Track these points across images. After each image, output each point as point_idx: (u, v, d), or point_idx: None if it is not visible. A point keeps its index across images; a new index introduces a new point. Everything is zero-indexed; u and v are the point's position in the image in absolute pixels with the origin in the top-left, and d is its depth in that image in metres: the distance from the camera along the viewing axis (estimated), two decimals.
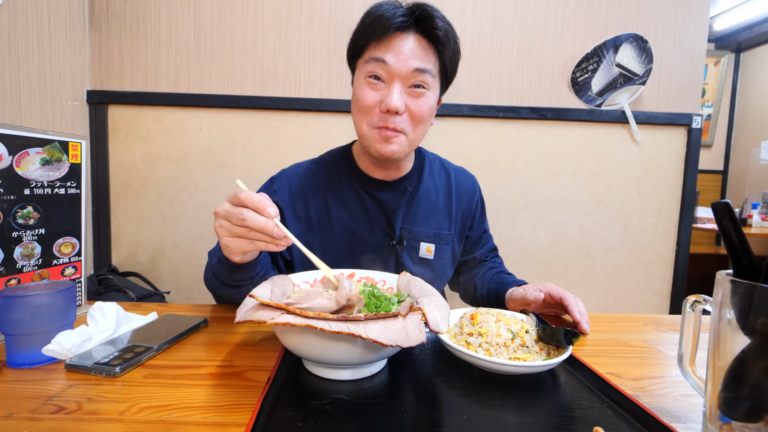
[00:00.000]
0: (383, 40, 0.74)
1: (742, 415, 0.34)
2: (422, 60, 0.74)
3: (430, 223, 0.88)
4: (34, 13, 1.17)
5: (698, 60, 1.45)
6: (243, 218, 0.54)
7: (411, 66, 0.73)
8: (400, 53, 0.73)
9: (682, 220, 1.48)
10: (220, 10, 1.38)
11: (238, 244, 0.56)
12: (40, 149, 0.63)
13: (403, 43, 0.74)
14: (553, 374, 0.51)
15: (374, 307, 0.50)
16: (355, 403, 0.43)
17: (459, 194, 0.93)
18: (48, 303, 0.52)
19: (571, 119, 1.44)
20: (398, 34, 0.73)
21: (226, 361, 0.53)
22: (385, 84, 0.75)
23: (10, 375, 0.48)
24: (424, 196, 0.89)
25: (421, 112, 0.76)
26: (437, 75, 0.78)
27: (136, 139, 1.42)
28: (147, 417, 0.40)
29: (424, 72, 0.74)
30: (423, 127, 0.79)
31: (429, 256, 0.88)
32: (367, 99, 0.76)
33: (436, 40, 0.75)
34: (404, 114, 0.76)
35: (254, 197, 0.54)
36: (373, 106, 0.76)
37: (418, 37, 0.75)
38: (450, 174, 0.94)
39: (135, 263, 1.46)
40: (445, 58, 0.77)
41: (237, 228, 0.55)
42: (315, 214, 0.86)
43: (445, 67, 0.78)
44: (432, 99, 0.78)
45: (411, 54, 0.73)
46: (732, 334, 0.34)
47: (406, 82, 0.75)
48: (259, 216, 0.54)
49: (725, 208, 0.34)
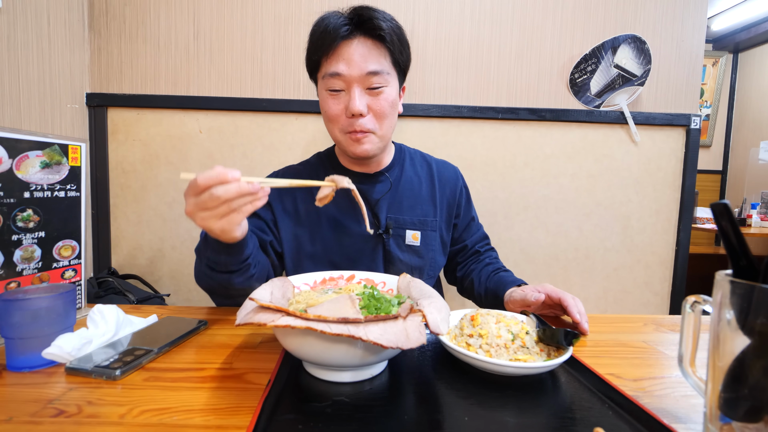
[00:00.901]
0: (333, 53, 0.79)
1: (743, 415, 0.34)
2: (373, 61, 0.78)
3: (414, 210, 0.92)
4: (34, 16, 1.18)
5: (696, 61, 1.45)
6: (217, 196, 0.54)
7: (363, 70, 0.78)
8: (351, 61, 0.78)
9: (682, 221, 1.48)
10: (219, 12, 1.38)
11: (229, 221, 0.57)
12: (40, 152, 0.63)
13: (351, 50, 0.78)
14: (553, 375, 0.51)
15: (374, 308, 0.50)
16: (355, 405, 0.43)
17: (442, 183, 0.97)
18: (48, 306, 0.51)
19: (569, 120, 1.44)
20: (344, 43, 0.78)
21: (226, 363, 0.53)
22: (345, 91, 0.80)
23: (10, 378, 0.48)
24: (407, 186, 0.93)
25: (382, 109, 0.81)
26: (392, 69, 0.82)
27: (136, 141, 1.42)
28: (147, 420, 0.40)
29: (378, 73, 0.79)
30: (389, 121, 0.84)
31: (416, 242, 0.91)
32: (332, 110, 0.82)
33: (381, 39, 0.79)
34: (368, 115, 0.81)
35: (212, 174, 0.54)
36: (339, 115, 0.81)
37: (363, 39, 0.79)
38: (431, 165, 0.99)
39: (135, 266, 1.46)
40: (394, 52, 0.81)
41: (218, 209, 0.55)
42: (303, 208, 0.90)
43: (396, 59, 0.82)
44: (391, 93, 0.82)
45: (361, 59, 0.78)
46: (732, 334, 0.34)
47: (364, 85, 0.79)
48: (229, 185, 0.54)
49: (724, 208, 0.34)
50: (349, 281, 0.67)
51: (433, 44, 1.41)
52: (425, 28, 1.41)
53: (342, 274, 0.67)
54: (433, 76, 1.43)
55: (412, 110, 1.41)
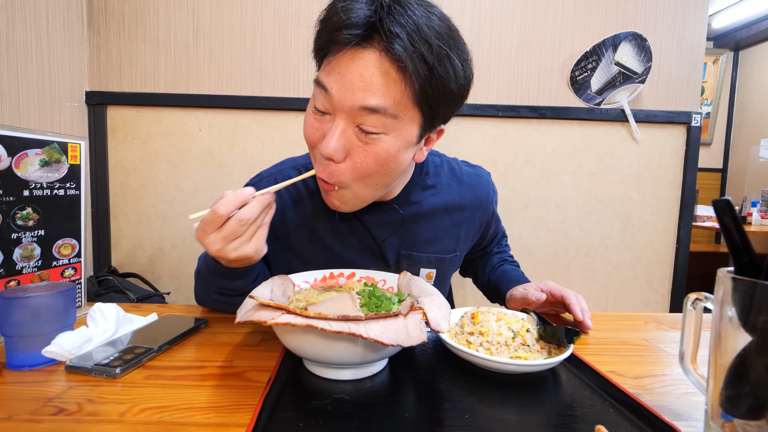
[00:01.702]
0: (332, 59, 0.55)
1: (744, 412, 0.34)
2: (375, 94, 0.52)
3: (433, 246, 0.76)
4: (33, 14, 1.17)
5: (697, 58, 1.45)
6: (246, 219, 0.52)
7: (357, 102, 0.53)
8: (346, 81, 0.53)
9: (682, 219, 1.48)
10: (218, 10, 1.38)
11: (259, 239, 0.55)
12: (39, 150, 0.63)
13: (354, 66, 0.52)
14: (554, 373, 0.51)
15: (375, 306, 0.50)
16: (356, 402, 0.43)
17: (474, 208, 0.78)
18: (48, 304, 0.51)
19: (570, 118, 1.44)
20: (350, 51, 0.52)
21: (226, 361, 0.53)
22: (330, 116, 0.57)
23: (10, 377, 0.48)
24: (427, 216, 0.75)
25: (366, 164, 0.56)
26: (407, 110, 0.55)
27: (135, 140, 1.41)
28: (147, 418, 0.40)
29: (377, 112, 0.53)
30: (375, 180, 0.60)
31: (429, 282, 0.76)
32: (308, 131, 0.60)
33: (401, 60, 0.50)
34: (344, 162, 0.57)
35: (230, 201, 0.51)
36: (315, 142, 0.60)
37: (379, 56, 0.52)
38: (463, 185, 0.78)
39: (135, 264, 1.46)
40: (422, 83, 0.52)
41: (248, 232, 0.53)
42: (295, 233, 0.75)
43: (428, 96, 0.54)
44: (394, 145, 0.56)
45: (360, 84, 0.52)
46: (733, 331, 0.34)
47: (353, 120, 0.55)
48: (251, 204, 0.52)
49: (726, 205, 0.34)
50: (350, 279, 0.67)
51: None
52: None
53: (342, 272, 0.67)
54: None
55: None
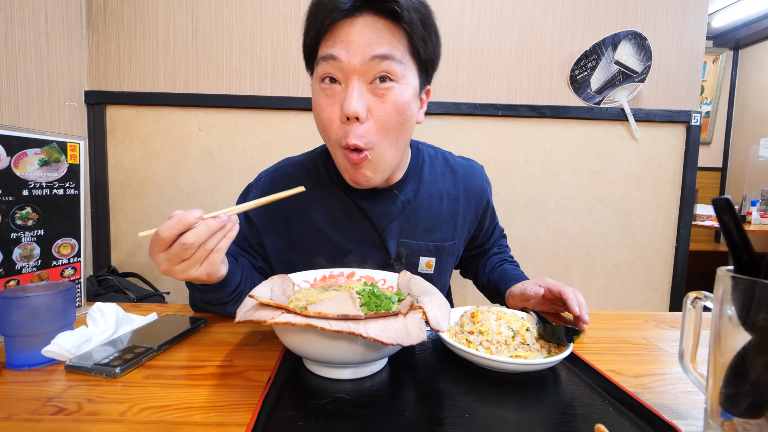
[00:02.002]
0: (330, 33, 0.61)
1: (744, 411, 0.34)
2: (382, 44, 0.59)
3: (432, 234, 0.78)
4: (31, 14, 1.17)
5: (697, 57, 1.44)
6: (190, 244, 0.49)
7: (367, 55, 0.59)
8: (352, 43, 0.59)
9: (682, 218, 1.48)
10: (218, 9, 1.38)
11: (210, 263, 0.52)
12: (39, 150, 0.63)
13: (354, 30, 0.59)
14: (554, 372, 0.51)
15: (374, 305, 0.50)
16: (356, 402, 0.43)
17: (468, 197, 0.82)
18: (47, 304, 0.51)
19: (570, 117, 1.44)
20: (347, 20, 0.60)
21: (226, 361, 0.53)
22: (342, 86, 0.62)
23: (9, 376, 0.48)
24: (425, 204, 0.77)
25: (388, 115, 0.61)
26: (408, 60, 0.62)
27: (135, 139, 1.41)
28: (147, 417, 0.40)
29: (387, 58, 0.59)
30: (396, 135, 0.64)
31: (429, 270, 0.79)
32: (325, 112, 0.63)
33: (395, 16, 0.59)
34: (368, 122, 0.61)
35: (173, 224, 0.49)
36: (333, 119, 0.62)
37: (373, 18, 0.60)
38: (457, 175, 0.82)
39: (134, 264, 1.46)
40: (414, 37, 0.61)
41: (195, 255, 0.50)
42: (296, 230, 0.76)
43: (417, 49, 0.62)
44: (405, 92, 0.62)
45: (366, 41, 0.59)
46: (733, 330, 0.34)
47: (367, 78, 0.60)
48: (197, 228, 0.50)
49: (726, 203, 0.34)
50: (350, 278, 0.67)
51: None
52: None
53: (342, 272, 0.67)
54: None
55: None
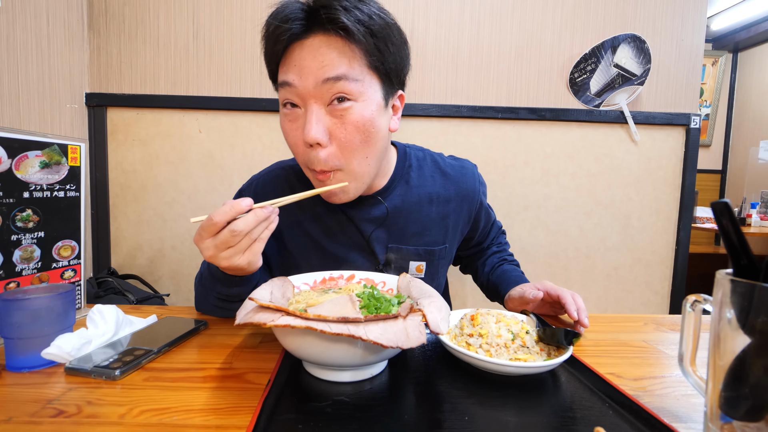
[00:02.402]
0: (285, 57, 0.61)
1: (743, 414, 0.34)
2: (334, 66, 0.57)
3: (421, 238, 0.77)
4: (33, 16, 1.17)
5: (696, 60, 1.45)
6: (239, 231, 0.51)
7: (319, 78, 0.57)
8: (304, 68, 0.58)
9: (681, 220, 1.48)
10: (218, 12, 1.38)
11: (253, 252, 0.54)
12: (40, 152, 0.63)
13: (305, 53, 0.58)
14: (553, 375, 0.51)
15: (374, 308, 0.50)
16: (355, 404, 0.43)
17: (460, 199, 0.79)
18: (47, 306, 0.51)
19: (569, 120, 1.44)
20: (297, 44, 0.59)
21: (226, 363, 0.53)
22: (303, 109, 0.61)
23: (9, 378, 0.48)
24: (413, 209, 0.76)
25: (350, 136, 0.60)
26: (368, 74, 0.60)
27: (135, 141, 1.42)
28: (147, 420, 0.40)
29: (340, 79, 0.57)
30: (364, 151, 0.62)
31: (420, 275, 0.78)
32: (290, 136, 0.64)
33: (347, 32, 0.56)
34: (330, 145, 0.61)
35: (226, 210, 0.51)
36: (298, 144, 0.62)
37: (325, 38, 0.58)
38: (447, 177, 0.80)
39: (134, 266, 1.46)
40: (370, 50, 0.59)
41: (241, 243, 0.52)
42: (286, 233, 0.77)
43: (375, 62, 0.60)
44: (366, 109, 0.60)
45: (317, 64, 0.57)
46: (732, 333, 0.34)
47: (324, 101, 0.59)
48: (247, 216, 0.51)
49: (724, 207, 0.34)
50: (349, 281, 0.67)
51: (433, 43, 1.41)
52: (425, 28, 1.41)
53: (342, 274, 0.67)
54: (432, 75, 1.43)
55: (411, 110, 1.41)
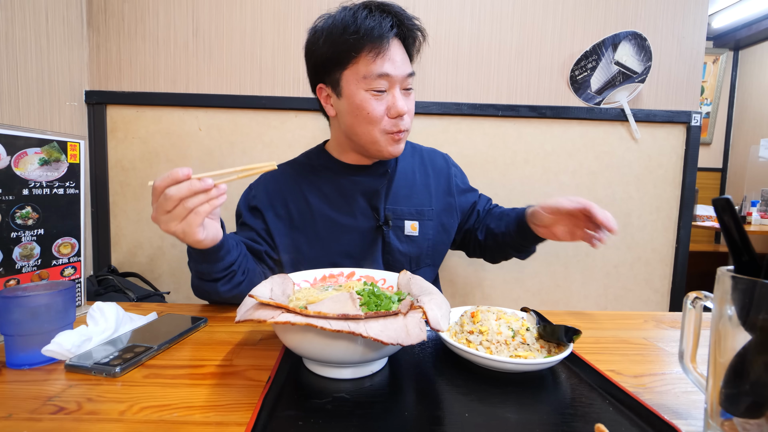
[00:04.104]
0: (381, 53, 0.78)
1: (744, 411, 0.34)
2: (408, 63, 0.83)
3: (411, 200, 0.93)
4: (32, 14, 1.17)
5: (697, 58, 1.44)
6: (170, 196, 0.54)
7: (405, 72, 0.81)
8: (396, 62, 0.80)
9: (682, 218, 1.48)
10: (218, 9, 1.38)
11: (188, 223, 0.57)
12: (39, 149, 0.63)
13: (395, 51, 0.80)
14: (553, 372, 0.51)
15: (374, 305, 0.50)
16: (355, 401, 0.43)
17: (435, 172, 0.98)
18: (47, 303, 0.51)
19: (570, 117, 1.44)
20: (390, 42, 0.79)
21: (226, 360, 0.53)
22: (387, 92, 0.81)
23: (9, 375, 0.48)
24: (402, 176, 0.94)
25: (412, 110, 0.85)
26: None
27: (135, 139, 1.41)
28: (147, 417, 0.40)
29: (412, 74, 0.83)
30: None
31: (414, 233, 0.91)
32: (376, 111, 0.81)
33: (412, 42, 0.84)
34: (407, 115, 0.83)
35: (165, 178, 0.55)
36: (382, 116, 0.82)
37: (398, 40, 0.82)
38: (423, 154, 1.00)
39: (134, 263, 1.46)
40: (413, 54, 0.87)
41: (176, 210, 0.56)
42: (296, 211, 0.89)
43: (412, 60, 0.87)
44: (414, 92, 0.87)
45: (402, 61, 0.81)
46: (733, 330, 0.34)
47: (402, 86, 0.82)
48: (180, 184, 0.55)
49: (726, 203, 0.34)
50: (349, 278, 0.67)
51: (433, 41, 1.41)
52: (425, 25, 1.39)
53: (342, 272, 0.67)
54: (433, 73, 1.42)
55: None
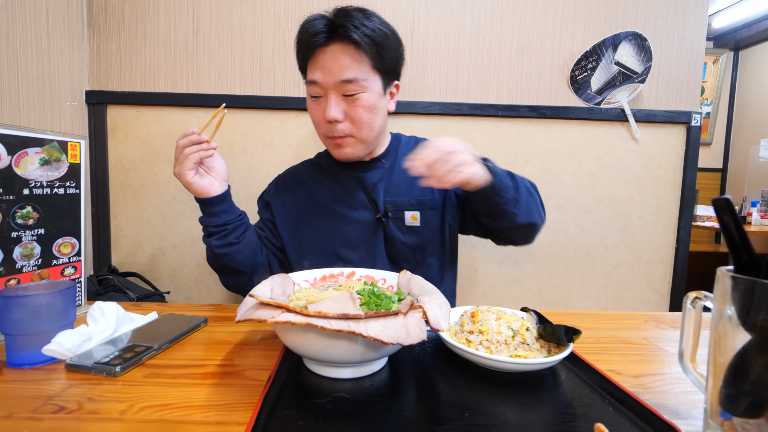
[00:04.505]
0: (311, 61, 0.81)
1: (743, 411, 0.34)
2: (348, 69, 0.78)
3: (412, 192, 0.93)
4: (33, 14, 1.17)
5: (697, 58, 1.44)
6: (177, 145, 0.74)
7: (338, 78, 0.78)
8: (326, 69, 0.79)
9: (682, 218, 1.48)
10: (218, 9, 1.38)
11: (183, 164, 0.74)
12: (39, 149, 0.63)
13: (326, 58, 0.79)
14: (553, 372, 0.51)
15: (375, 305, 0.50)
16: (356, 401, 0.43)
17: None
18: (48, 303, 0.51)
19: (570, 118, 1.44)
20: (320, 50, 0.79)
21: (226, 360, 0.53)
22: (324, 97, 0.82)
23: (10, 375, 0.48)
24: (402, 170, 0.93)
25: (359, 115, 0.82)
26: (371, 74, 0.81)
27: (136, 139, 1.41)
28: (148, 416, 0.40)
29: (352, 81, 0.79)
30: (369, 125, 0.84)
31: (415, 223, 0.92)
32: (314, 115, 0.86)
33: (357, 44, 0.77)
34: (345, 121, 0.82)
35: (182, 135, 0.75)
36: (321, 120, 0.84)
37: (341, 45, 0.78)
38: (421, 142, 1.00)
39: (135, 263, 1.46)
40: (373, 57, 0.79)
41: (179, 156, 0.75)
42: (303, 203, 0.95)
43: (376, 64, 0.81)
44: (370, 98, 0.81)
45: (336, 67, 0.78)
46: (733, 330, 0.34)
47: (340, 92, 0.80)
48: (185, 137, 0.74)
49: (726, 203, 0.34)
50: (350, 278, 0.67)
51: (433, 41, 1.41)
52: (425, 25, 1.41)
53: (342, 271, 0.67)
54: (433, 73, 1.42)
55: (411, 107, 1.41)
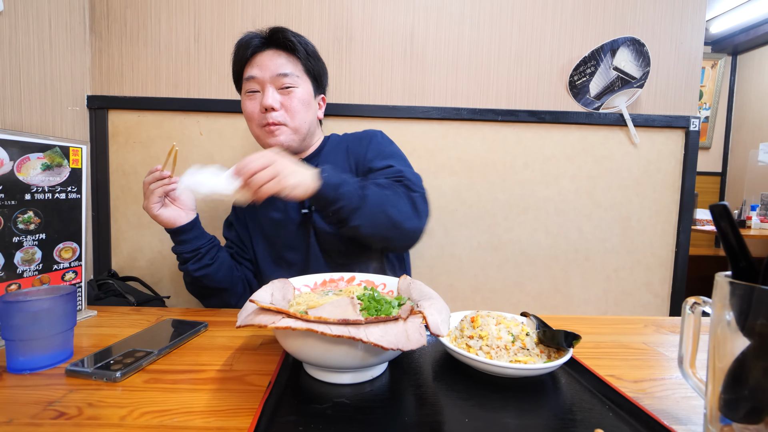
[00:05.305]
0: (249, 62, 0.94)
1: (743, 416, 0.34)
2: (284, 66, 0.92)
3: None
4: (35, 20, 1.18)
5: (695, 63, 1.45)
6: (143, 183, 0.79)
7: (274, 72, 0.91)
8: (264, 66, 0.92)
9: (681, 222, 1.48)
10: (220, 15, 1.39)
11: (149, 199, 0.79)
12: (41, 154, 0.63)
13: (264, 58, 0.93)
14: (553, 377, 0.51)
15: (375, 310, 0.50)
16: (356, 406, 0.43)
17: (354, 155, 1.02)
18: (48, 308, 0.52)
19: (569, 122, 1.44)
20: (259, 53, 0.93)
21: (226, 365, 0.53)
22: (261, 92, 0.93)
23: (10, 380, 0.48)
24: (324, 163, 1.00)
25: (293, 105, 0.93)
26: (303, 74, 0.95)
27: (137, 143, 1.42)
28: (148, 422, 0.40)
29: (287, 75, 0.92)
30: (302, 116, 0.94)
31: None
32: (249, 109, 0.95)
33: (291, 50, 0.93)
34: (280, 110, 0.92)
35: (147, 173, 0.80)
36: (256, 113, 0.94)
37: (275, 51, 0.94)
38: (348, 142, 1.05)
39: (135, 268, 1.46)
40: (304, 61, 0.95)
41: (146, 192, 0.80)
42: (248, 218, 1.03)
43: (307, 68, 0.96)
44: (302, 93, 0.94)
45: (273, 64, 0.92)
46: (731, 335, 0.34)
47: (276, 85, 0.92)
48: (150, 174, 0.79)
49: (723, 210, 0.34)
50: (350, 283, 0.67)
51: (433, 46, 1.42)
52: (425, 30, 1.42)
53: (342, 276, 0.68)
54: (432, 78, 1.43)
55: (411, 112, 1.41)
